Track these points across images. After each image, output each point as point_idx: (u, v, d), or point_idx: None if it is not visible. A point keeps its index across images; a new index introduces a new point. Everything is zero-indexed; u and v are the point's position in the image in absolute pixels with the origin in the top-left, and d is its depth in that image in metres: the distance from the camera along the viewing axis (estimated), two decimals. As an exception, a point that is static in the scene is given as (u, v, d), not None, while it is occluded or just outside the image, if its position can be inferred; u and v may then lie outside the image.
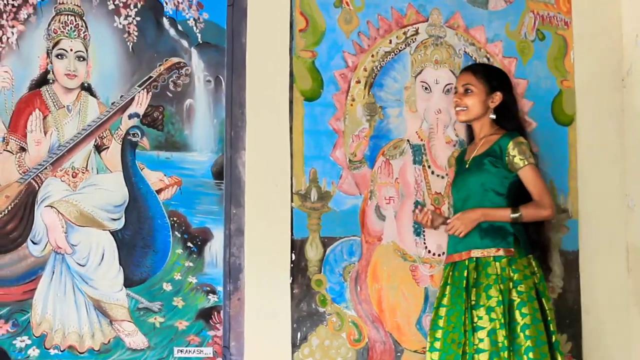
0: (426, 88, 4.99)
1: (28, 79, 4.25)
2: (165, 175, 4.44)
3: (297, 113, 4.72)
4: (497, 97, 4.43)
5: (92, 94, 4.36)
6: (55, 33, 4.30)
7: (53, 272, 4.22)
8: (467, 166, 4.43)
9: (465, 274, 4.25)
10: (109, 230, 4.33)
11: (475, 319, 4.17)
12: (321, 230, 4.70)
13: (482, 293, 4.19)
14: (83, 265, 4.26)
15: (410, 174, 4.94)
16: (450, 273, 4.36)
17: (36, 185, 4.22)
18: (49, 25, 4.29)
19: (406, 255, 4.86)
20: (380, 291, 4.79)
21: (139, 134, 4.41)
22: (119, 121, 4.38)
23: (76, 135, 4.30)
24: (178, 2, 4.53)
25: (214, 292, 4.47)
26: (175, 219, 4.43)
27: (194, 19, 4.55)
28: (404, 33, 5.00)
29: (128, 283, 4.33)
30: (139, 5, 4.45)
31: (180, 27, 4.53)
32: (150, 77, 4.44)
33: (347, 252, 4.76)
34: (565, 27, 5.29)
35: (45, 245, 4.22)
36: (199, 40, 4.56)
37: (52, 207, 4.24)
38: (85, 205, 4.30)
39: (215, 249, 4.48)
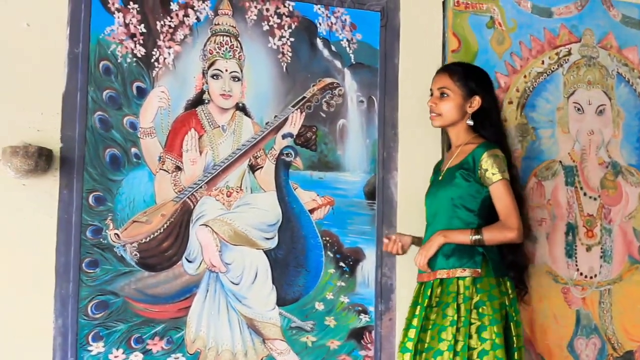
0: (579, 109, 4.58)
1: (184, 99, 3.96)
2: (318, 195, 4.11)
3: (450, 134, 4.25)
4: (476, 101, 3.71)
5: (247, 114, 4.05)
6: (210, 53, 4.01)
7: (207, 290, 3.93)
8: (440, 177, 3.75)
9: (429, 293, 3.58)
10: (263, 249, 4.02)
11: (428, 339, 3.49)
12: (473, 250, 4.24)
13: (440, 312, 3.51)
14: (237, 284, 3.97)
15: (562, 196, 4.53)
16: (421, 292, 3.67)
17: (191, 204, 3.93)
18: (204, 45, 4.00)
19: (558, 277, 4.48)
20: (531, 313, 4.39)
21: (293, 154, 4.09)
22: (272, 141, 4.08)
23: (231, 154, 4.01)
24: (332, 23, 4.20)
25: (365, 312, 4.13)
26: (327, 238, 4.10)
27: (347, 40, 4.21)
28: (557, 54, 4.58)
29: (281, 302, 4.02)
30: (293, 26, 4.14)
31: (333, 48, 4.19)
32: (304, 97, 4.13)
33: (498, 273, 4.29)
34: None
35: (200, 264, 3.92)
36: (352, 60, 4.21)
37: (206, 225, 3.94)
38: (239, 224, 3.98)
39: (367, 269, 4.13)
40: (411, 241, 3.83)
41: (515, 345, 3.54)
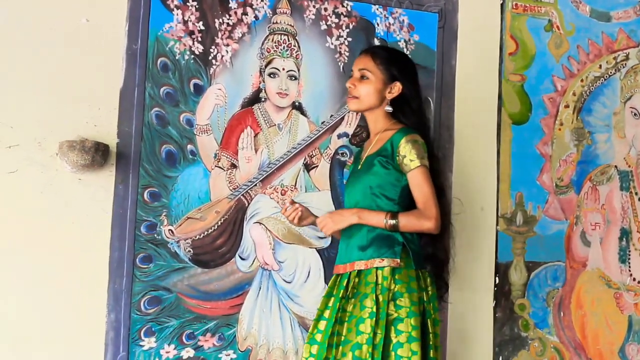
0: (635, 114, 4.35)
1: (241, 97, 3.77)
2: (371, 195, 3.84)
3: (505, 136, 4.10)
4: (396, 87, 3.27)
5: (303, 112, 3.86)
6: (268, 52, 3.81)
7: (260, 288, 3.74)
8: (359, 167, 3.34)
9: (345, 284, 3.17)
10: (316, 248, 3.83)
11: (345, 332, 3.10)
12: (526, 254, 4.12)
13: (357, 303, 3.11)
14: (289, 282, 3.78)
15: (617, 201, 4.31)
16: (337, 284, 3.26)
17: (246, 201, 3.74)
18: (262, 44, 3.81)
19: (611, 282, 4.27)
20: (583, 317, 4.21)
21: (348, 154, 3.88)
22: (328, 140, 3.88)
23: (286, 153, 3.82)
24: (389, 23, 3.97)
25: (416, 312, 3.82)
26: (379, 239, 3.82)
27: (405, 41, 3.99)
28: (614, 58, 4.35)
29: (332, 301, 3.79)
30: (350, 26, 3.92)
31: (390, 48, 4.01)
32: (360, 97, 3.84)
33: (551, 277, 4.17)
34: None
35: (253, 261, 3.74)
36: (409, 61, 3.95)
37: (260, 223, 3.76)
38: (293, 223, 3.80)
39: (423, 269, 3.85)
40: (312, 222, 3.41)
41: (431, 343, 3.15)
